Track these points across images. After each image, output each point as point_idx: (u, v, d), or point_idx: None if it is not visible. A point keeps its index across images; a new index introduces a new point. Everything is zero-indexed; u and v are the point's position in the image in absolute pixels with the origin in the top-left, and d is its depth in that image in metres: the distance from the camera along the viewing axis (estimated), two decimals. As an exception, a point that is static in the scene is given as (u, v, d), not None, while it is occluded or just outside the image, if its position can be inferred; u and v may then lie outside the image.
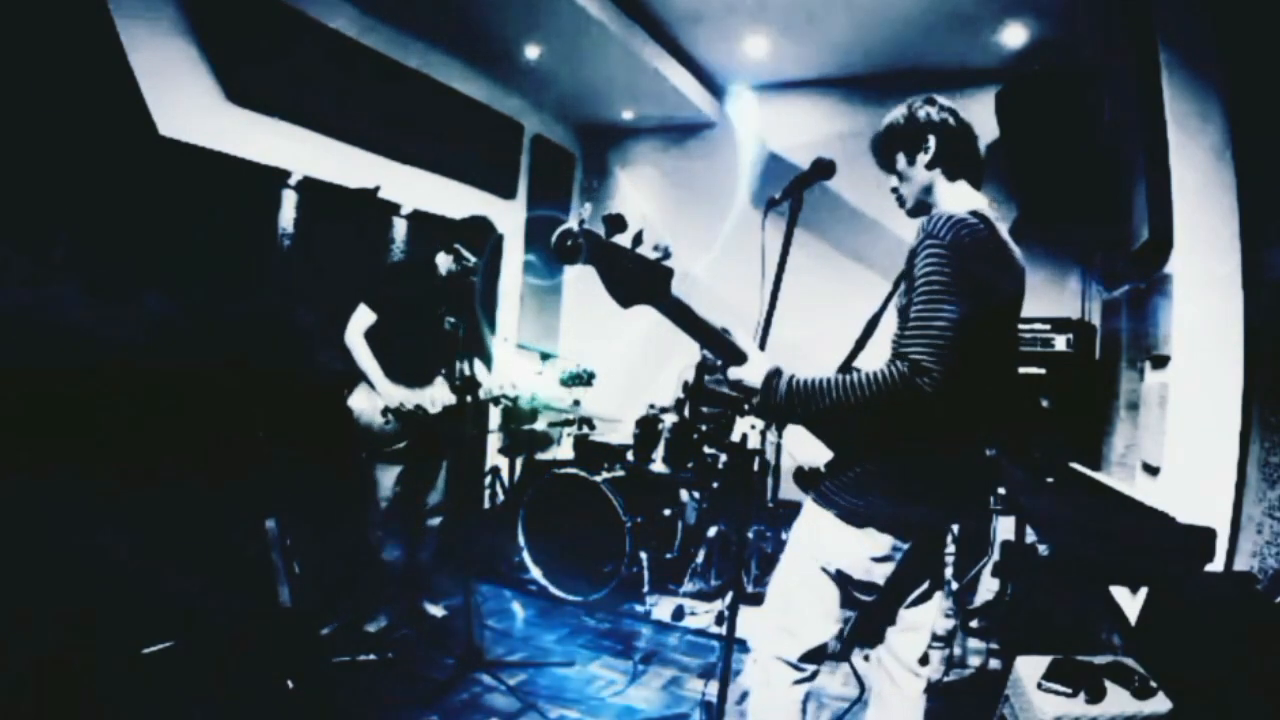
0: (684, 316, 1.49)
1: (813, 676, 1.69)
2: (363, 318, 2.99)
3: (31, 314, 2.44)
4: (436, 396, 3.11)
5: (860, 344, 1.74)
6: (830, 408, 1.45)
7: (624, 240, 1.44)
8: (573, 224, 1.40)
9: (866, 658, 1.83)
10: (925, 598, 1.74)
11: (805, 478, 1.65)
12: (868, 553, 1.56)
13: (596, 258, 1.41)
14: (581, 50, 4.07)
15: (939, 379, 1.36)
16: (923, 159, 1.63)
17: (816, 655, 1.67)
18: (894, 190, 1.72)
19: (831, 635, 1.66)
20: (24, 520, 2.34)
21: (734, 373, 1.53)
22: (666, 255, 1.50)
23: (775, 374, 1.50)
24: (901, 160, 1.66)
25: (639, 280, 1.44)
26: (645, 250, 1.47)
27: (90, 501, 2.49)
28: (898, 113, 1.67)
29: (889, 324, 1.64)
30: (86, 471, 2.51)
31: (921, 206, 1.66)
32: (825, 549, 1.60)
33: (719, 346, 1.53)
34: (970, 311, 1.40)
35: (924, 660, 1.75)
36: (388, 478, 3.05)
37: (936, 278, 1.41)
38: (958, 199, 1.60)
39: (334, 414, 3.03)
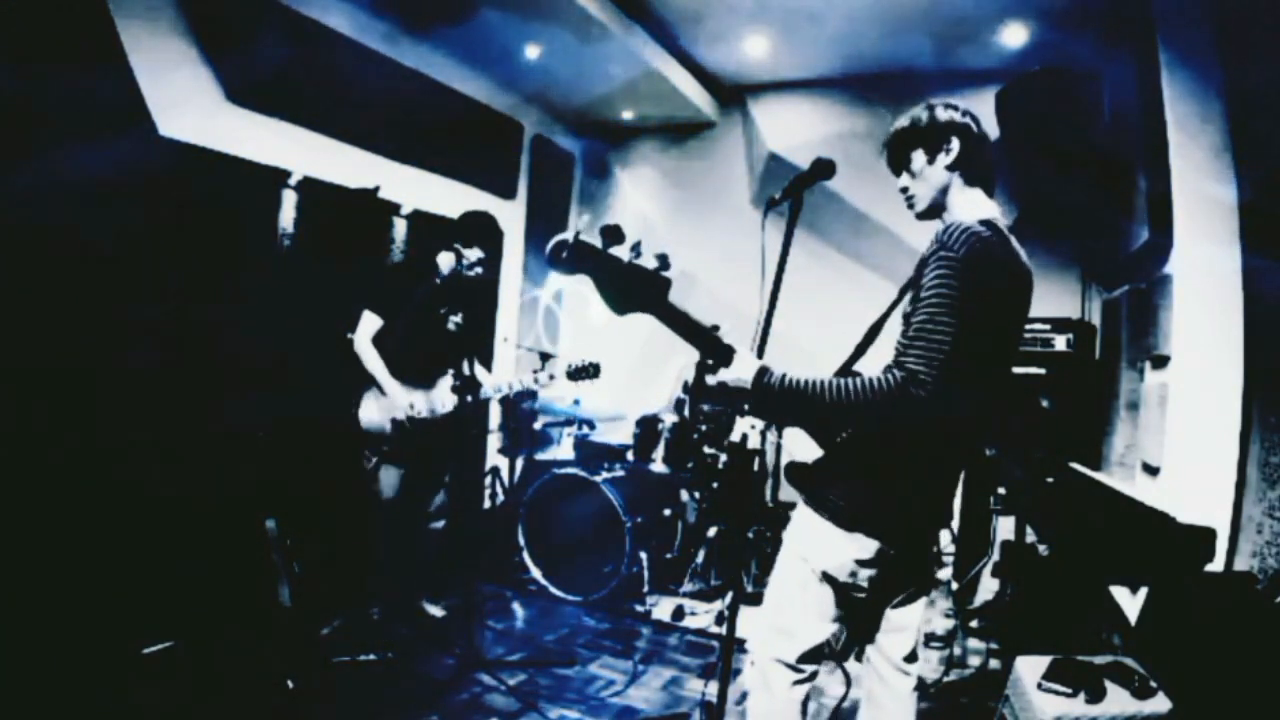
0: (680, 322, 1.50)
1: (812, 677, 1.68)
2: (370, 323, 2.99)
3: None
4: (446, 399, 3.11)
5: (861, 349, 1.73)
6: (822, 410, 1.46)
7: (622, 250, 1.45)
8: (568, 235, 1.41)
9: (857, 656, 1.83)
10: (911, 599, 1.74)
11: (796, 473, 1.65)
12: (853, 555, 1.56)
13: (591, 268, 1.43)
14: (581, 50, 4.06)
15: (933, 391, 1.36)
16: (943, 159, 1.60)
17: (814, 656, 1.66)
18: (903, 190, 1.67)
19: (828, 635, 1.66)
20: (24, 519, 2.34)
21: (723, 374, 1.53)
22: (665, 264, 1.50)
23: (765, 372, 1.50)
24: (920, 159, 1.62)
25: (634, 289, 1.46)
26: (645, 260, 1.48)
27: (91, 501, 2.49)
28: (919, 110, 1.64)
29: (892, 330, 1.63)
30: (88, 470, 2.51)
31: (934, 209, 1.64)
32: (814, 550, 1.61)
33: (715, 350, 1.54)
34: (973, 327, 1.40)
35: (911, 658, 1.76)
36: (392, 479, 3.05)
37: (944, 289, 1.40)
38: (972, 206, 1.58)
39: (340, 414, 3.03)
